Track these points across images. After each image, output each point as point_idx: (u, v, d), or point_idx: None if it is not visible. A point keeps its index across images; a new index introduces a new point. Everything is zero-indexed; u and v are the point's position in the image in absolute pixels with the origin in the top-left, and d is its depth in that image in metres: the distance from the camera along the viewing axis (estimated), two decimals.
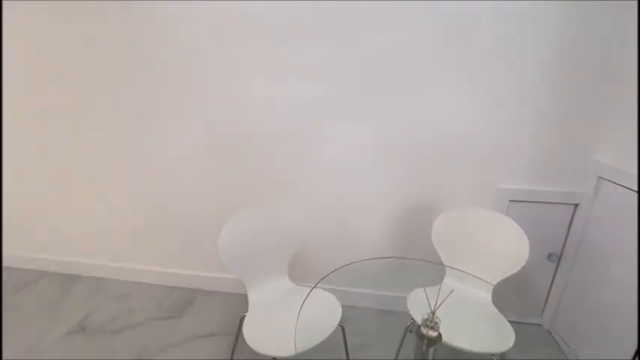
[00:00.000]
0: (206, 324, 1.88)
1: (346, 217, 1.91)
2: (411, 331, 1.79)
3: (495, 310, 1.44)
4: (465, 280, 1.51)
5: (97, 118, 1.94)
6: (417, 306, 1.40)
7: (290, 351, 1.14)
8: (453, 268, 1.57)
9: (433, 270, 1.61)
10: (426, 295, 0.93)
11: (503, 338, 1.27)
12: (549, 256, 1.83)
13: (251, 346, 1.23)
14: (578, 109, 1.57)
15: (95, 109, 1.92)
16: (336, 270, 1.29)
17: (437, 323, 0.93)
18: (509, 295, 1.91)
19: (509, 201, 1.77)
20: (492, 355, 1.21)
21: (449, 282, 1.60)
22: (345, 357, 1.54)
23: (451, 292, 0.96)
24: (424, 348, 0.95)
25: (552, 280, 1.88)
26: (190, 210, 2.03)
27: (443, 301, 0.90)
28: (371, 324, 1.88)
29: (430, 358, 0.96)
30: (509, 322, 1.34)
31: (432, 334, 0.93)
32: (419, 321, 1.11)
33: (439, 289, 0.97)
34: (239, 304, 1.36)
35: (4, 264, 2.37)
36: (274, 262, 1.58)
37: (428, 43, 1.57)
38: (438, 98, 1.65)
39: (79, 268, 2.30)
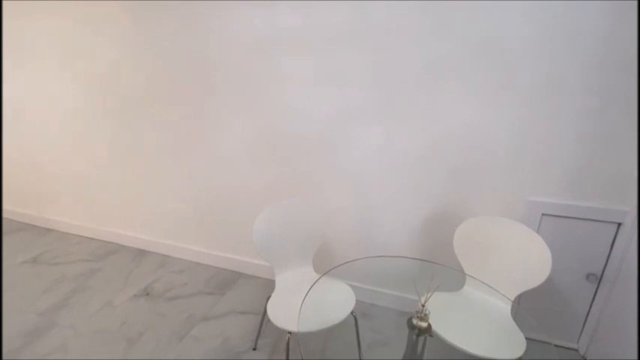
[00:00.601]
0: (243, 302, 2.14)
1: (372, 218, 2.02)
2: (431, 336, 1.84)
3: (512, 321, 1.44)
4: (485, 288, 1.53)
5: (169, 120, 2.34)
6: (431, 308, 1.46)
7: (302, 327, 1.31)
8: (471, 276, 1.59)
9: (455, 276, 1.65)
10: (416, 289, 1.03)
11: (513, 349, 1.29)
12: (588, 277, 1.73)
13: (272, 320, 1.43)
14: (621, 121, 1.49)
15: (165, 112, 2.32)
16: (347, 262, 1.43)
17: (426, 315, 1.02)
18: (545, 315, 1.84)
19: (542, 215, 1.72)
20: None
21: (468, 289, 1.63)
22: (357, 346, 1.66)
23: (437, 287, 1.04)
24: (415, 337, 1.05)
25: (591, 303, 1.76)
26: (239, 201, 2.32)
27: (431, 294, 0.99)
28: (390, 323, 1.96)
29: (420, 346, 1.05)
30: (543, 342, 1.34)
31: (422, 324, 1.03)
32: (432, 323, 1.21)
33: (414, 297, 1.06)
34: (273, 288, 1.58)
35: (93, 235, 2.94)
36: (300, 252, 1.77)
37: (459, 52, 1.63)
38: (467, 106, 1.69)
39: (149, 245, 2.76)
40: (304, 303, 1.37)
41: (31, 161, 2.98)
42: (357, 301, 1.97)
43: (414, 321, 1.04)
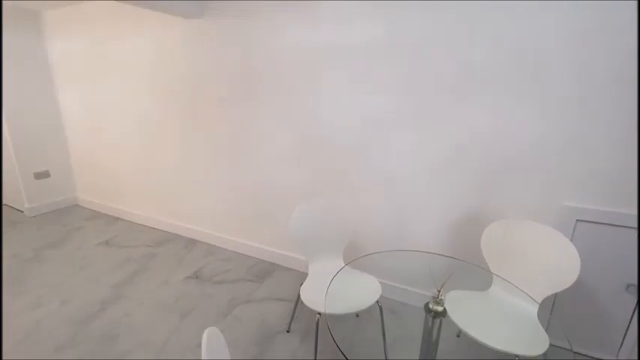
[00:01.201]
0: (279, 290, 2.34)
1: (403, 217, 2.11)
2: (458, 336, 1.89)
3: (537, 321, 1.45)
4: (511, 289, 1.56)
5: (220, 125, 2.63)
6: (455, 306, 1.51)
7: (330, 309, 1.46)
8: (497, 275, 1.63)
9: (483, 277, 1.70)
10: (432, 276, 1.13)
11: (534, 347, 1.31)
12: (628, 287, 1.67)
13: (304, 302, 1.60)
14: None
15: (217, 119, 2.62)
16: (370, 254, 1.55)
17: (442, 300, 1.12)
18: (583, 325, 1.80)
19: (577, 221, 1.70)
20: (516, 356, 1.28)
21: (495, 289, 1.66)
22: (382, 333, 1.76)
23: (450, 275, 1.13)
24: (431, 320, 1.15)
25: (632, 315, 1.69)
26: (279, 199, 2.54)
27: (447, 280, 1.09)
28: (418, 321, 2.01)
29: (435, 329, 1.15)
30: (581, 354, 1.34)
31: (438, 308, 1.12)
32: (456, 321, 1.30)
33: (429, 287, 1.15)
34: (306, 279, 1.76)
35: (153, 225, 3.34)
36: (332, 245, 1.92)
37: (490, 58, 1.69)
38: (498, 109, 1.73)
39: (199, 235, 3.08)
40: (334, 289, 1.52)
41: (109, 159, 3.49)
42: (387, 298, 2.07)
43: (430, 305, 1.14)
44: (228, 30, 2.36)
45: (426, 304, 1.16)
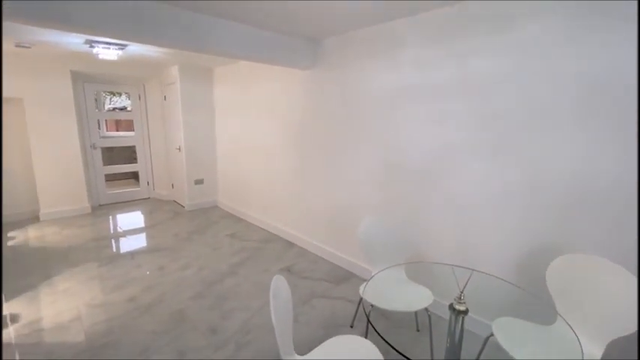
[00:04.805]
0: (351, 294, 2.68)
1: (468, 241, 2.20)
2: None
3: None
4: (575, 328, 1.52)
5: (318, 151, 3.25)
6: (504, 333, 1.56)
7: (378, 304, 1.74)
8: (561, 316, 1.60)
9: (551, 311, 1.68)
10: (455, 277, 1.32)
11: None
12: None
13: (362, 295, 1.91)
14: None
15: (317, 144, 3.25)
16: (413, 262, 1.76)
17: (464, 300, 1.30)
18: None
19: None
20: None
21: (559, 325, 1.62)
22: (429, 339, 1.91)
23: (471, 275, 1.29)
24: (455, 317, 1.34)
25: None
26: (360, 214, 2.93)
27: (467, 281, 1.27)
28: (473, 346, 2.03)
29: (459, 326, 1.33)
30: None
31: (461, 307, 1.32)
32: (506, 347, 1.42)
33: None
34: None
35: (264, 227, 4.17)
36: (394, 256, 2.17)
37: (563, 94, 1.74)
38: (573, 145, 1.74)
39: (295, 239, 3.72)
40: (387, 291, 1.82)
41: (239, 173, 4.59)
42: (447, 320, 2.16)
43: (455, 305, 1.33)
44: (330, 77, 3.01)
45: (450, 304, 1.35)
